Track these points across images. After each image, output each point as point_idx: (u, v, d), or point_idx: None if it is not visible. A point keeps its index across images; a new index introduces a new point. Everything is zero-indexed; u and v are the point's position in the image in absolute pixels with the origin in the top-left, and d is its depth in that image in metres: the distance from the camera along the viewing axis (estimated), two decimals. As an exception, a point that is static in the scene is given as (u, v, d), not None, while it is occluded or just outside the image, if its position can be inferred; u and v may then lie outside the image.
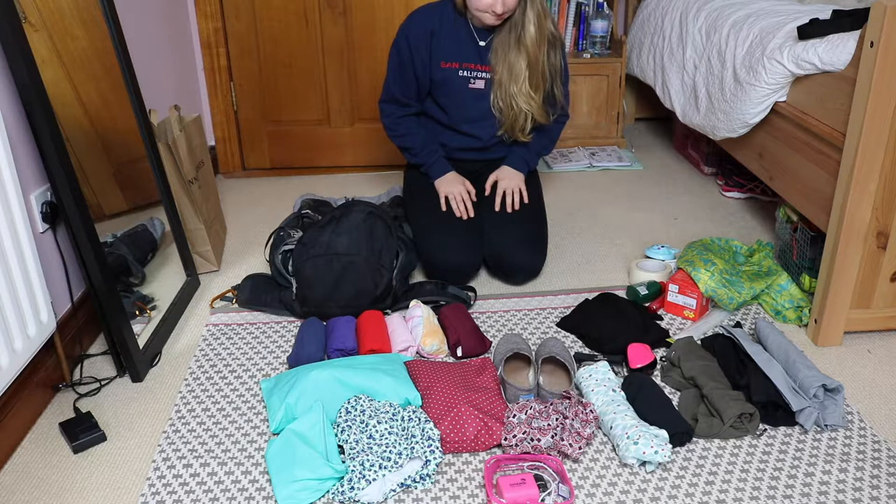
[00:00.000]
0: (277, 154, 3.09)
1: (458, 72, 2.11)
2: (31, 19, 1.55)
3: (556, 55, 2.09)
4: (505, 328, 1.92)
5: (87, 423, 1.54)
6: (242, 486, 1.41)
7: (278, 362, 1.79)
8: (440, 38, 2.09)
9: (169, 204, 2.04)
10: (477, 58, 2.10)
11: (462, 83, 2.12)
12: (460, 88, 2.12)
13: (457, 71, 2.11)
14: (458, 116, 2.18)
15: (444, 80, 2.12)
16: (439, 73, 2.11)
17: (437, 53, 2.10)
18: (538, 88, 2.09)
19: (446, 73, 2.11)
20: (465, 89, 2.13)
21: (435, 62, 2.10)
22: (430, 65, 2.11)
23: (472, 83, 2.12)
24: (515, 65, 2.05)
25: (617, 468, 1.44)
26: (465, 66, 2.11)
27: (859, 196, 1.67)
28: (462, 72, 2.11)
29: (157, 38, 2.52)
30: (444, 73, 2.11)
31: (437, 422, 1.49)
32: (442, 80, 2.12)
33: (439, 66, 2.10)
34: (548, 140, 2.26)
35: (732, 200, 2.73)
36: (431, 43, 2.09)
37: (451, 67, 2.11)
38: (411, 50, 2.10)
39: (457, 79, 2.11)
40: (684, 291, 1.93)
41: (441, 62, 2.10)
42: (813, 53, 1.84)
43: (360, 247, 1.91)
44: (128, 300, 1.80)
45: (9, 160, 1.43)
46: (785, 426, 1.54)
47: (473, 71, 2.11)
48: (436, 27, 2.09)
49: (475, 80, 2.12)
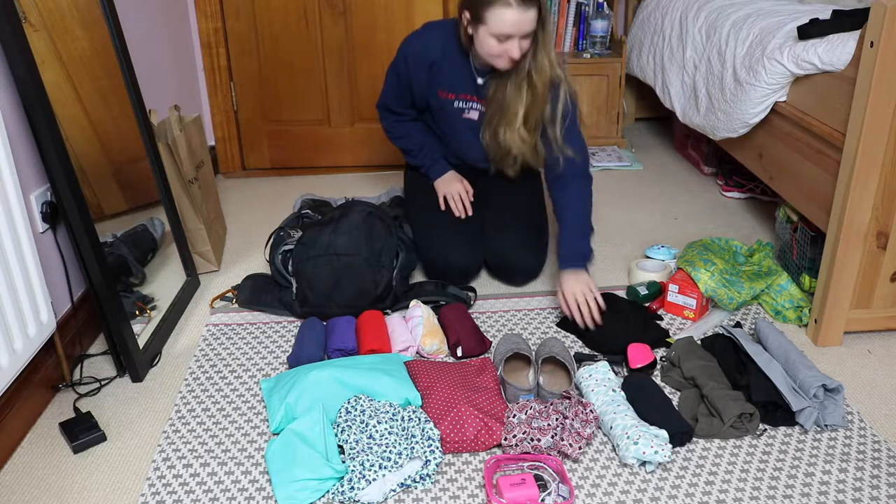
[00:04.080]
0: (277, 154, 3.09)
1: (454, 102, 2.07)
2: (31, 19, 1.55)
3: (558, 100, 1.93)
4: (505, 328, 1.92)
5: (87, 423, 1.54)
6: (242, 486, 1.41)
7: (278, 362, 1.79)
8: (441, 67, 2.04)
9: (169, 204, 2.04)
10: (474, 90, 2.04)
11: (456, 113, 2.09)
12: (454, 118, 2.10)
13: (452, 102, 2.07)
14: (451, 142, 2.18)
15: (439, 107, 2.10)
16: (435, 101, 2.10)
17: (435, 82, 2.06)
18: (533, 130, 1.97)
19: (442, 102, 2.08)
20: (459, 119, 2.10)
21: (432, 89, 2.08)
22: (426, 90, 2.09)
23: (465, 113, 2.08)
24: (511, 106, 1.93)
25: (617, 468, 1.44)
26: (461, 96, 2.06)
27: (859, 196, 1.67)
28: (457, 102, 2.07)
29: (157, 38, 2.52)
30: (440, 102, 2.09)
31: (437, 422, 1.49)
32: (437, 107, 2.11)
33: (436, 93, 2.08)
34: (581, 209, 1.98)
35: (732, 200, 2.73)
36: (431, 71, 2.05)
37: (448, 98, 2.07)
38: (410, 74, 2.07)
39: (452, 109, 2.09)
40: (684, 291, 1.93)
41: (438, 90, 2.07)
42: (813, 53, 1.84)
43: (360, 247, 1.91)
44: (128, 300, 1.80)
45: (9, 160, 1.43)
46: (785, 426, 1.54)
47: (469, 102, 2.06)
48: (437, 57, 2.02)
49: (469, 111, 2.08)
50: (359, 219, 1.95)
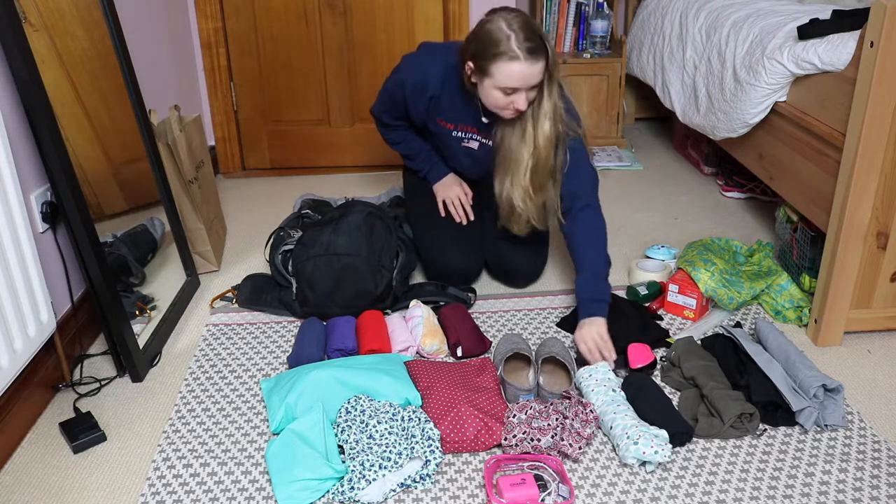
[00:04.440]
0: (277, 154, 3.09)
1: (453, 132, 2.01)
2: (31, 19, 1.55)
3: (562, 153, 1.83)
4: (505, 328, 1.92)
5: (87, 423, 1.54)
6: (242, 486, 1.41)
7: (278, 362, 1.79)
8: (440, 101, 1.95)
9: (169, 204, 2.04)
10: (475, 125, 1.95)
11: (455, 141, 2.04)
12: (453, 145, 2.05)
13: (451, 131, 2.01)
14: (449, 161, 2.15)
15: (438, 132, 2.04)
16: (434, 126, 2.03)
17: (435, 112, 1.98)
18: (539, 189, 1.84)
19: (441, 129, 2.02)
20: (458, 146, 2.05)
21: (431, 118, 2.00)
22: (425, 117, 2.01)
23: (465, 142, 2.02)
24: (516, 153, 1.82)
25: (617, 468, 1.44)
26: (461, 127, 1.98)
27: (859, 196, 1.67)
28: (457, 132, 2.01)
29: (157, 38, 2.52)
30: (439, 128, 2.02)
31: (437, 422, 1.49)
32: (436, 132, 2.05)
33: (435, 121, 2.01)
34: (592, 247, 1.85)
35: (732, 200, 2.73)
36: (430, 103, 1.96)
37: (447, 128, 2.00)
38: (406, 101, 1.98)
39: (450, 137, 2.03)
40: (684, 291, 1.93)
41: (437, 119, 1.99)
42: (813, 53, 1.84)
43: (360, 247, 1.90)
44: (128, 300, 1.80)
45: (9, 160, 1.43)
46: (785, 426, 1.54)
47: (469, 133, 1.99)
48: (436, 92, 1.93)
49: (469, 141, 2.01)
50: (359, 219, 1.95)
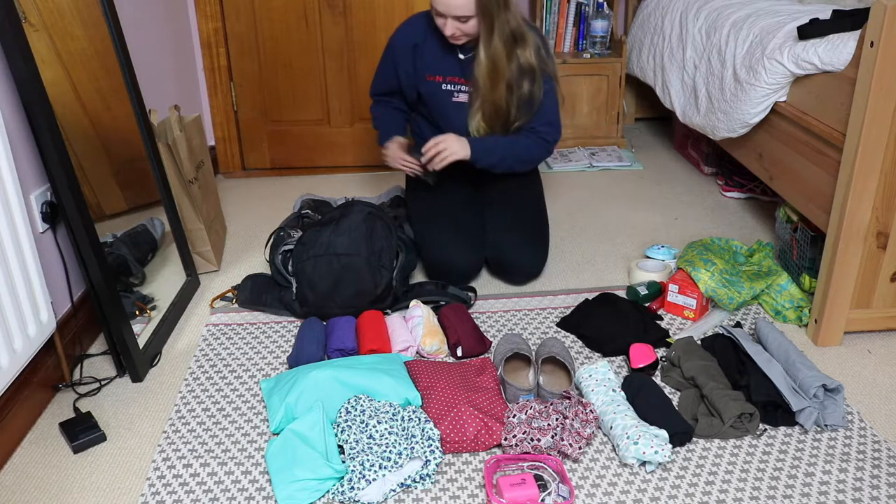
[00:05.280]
0: (277, 154, 3.09)
1: (442, 85, 2.11)
2: (31, 19, 1.55)
3: (532, 85, 2.02)
4: (505, 328, 1.92)
5: (87, 423, 1.54)
6: (242, 486, 1.41)
7: (278, 362, 1.79)
8: (423, 50, 2.09)
9: (169, 204, 2.04)
10: (459, 71, 2.08)
11: (446, 96, 2.12)
12: (445, 101, 2.12)
13: (441, 84, 2.11)
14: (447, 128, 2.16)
15: (429, 93, 2.13)
16: (425, 86, 2.12)
17: (422, 66, 2.11)
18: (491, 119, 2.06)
19: (431, 87, 2.12)
20: (450, 103, 2.12)
21: (420, 75, 2.12)
22: (415, 77, 2.13)
23: (455, 97, 2.11)
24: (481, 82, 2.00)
25: (617, 468, 1.44)
26: (448, 79, 2.11)
27: (859, 196, 1.67)
28: (446, 85, 2.11)
29: (157, 38, 2.52)
30: (430, 87, 2.12)
31: (437, 422, 1.49)
32: (427, 93, 2.13)
33: (424, 78, 2.12)
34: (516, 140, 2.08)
35: (732, 200, 2.73)
36: (415, 56, 2.10)
37: (436, 81, 2.11)
38: (395, 61, 2.13)
39: (440, 92, 2.12)
40: (684, 291, 1.93)
41: (426, 75, 2.11)
42: (813, 53, 1.84)
43: (360, 247, 1.90)
44: (128, 300, 1.80)
45: (9, 160, 1.43)
46: (785, 426, 1.54)
47: (457, 84, 2.10)
48: (419, 40, 2.09)
49: (459, 94, 2.11)
50: (359, 219, 1.95)
